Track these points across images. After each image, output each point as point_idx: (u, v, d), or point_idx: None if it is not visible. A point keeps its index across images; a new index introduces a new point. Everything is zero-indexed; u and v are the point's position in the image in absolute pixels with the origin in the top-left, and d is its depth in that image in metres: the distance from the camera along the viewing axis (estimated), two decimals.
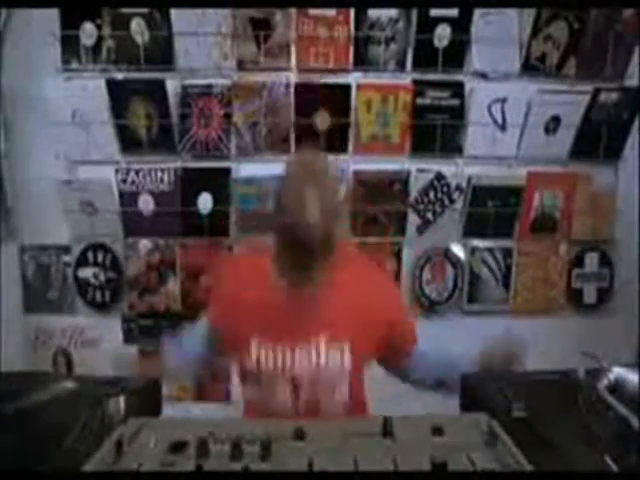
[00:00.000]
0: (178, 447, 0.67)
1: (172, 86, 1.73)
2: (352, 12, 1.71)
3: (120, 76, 1.73)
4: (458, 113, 1.77)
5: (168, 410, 1.10)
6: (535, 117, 1.76)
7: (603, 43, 1.75)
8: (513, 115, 1.76)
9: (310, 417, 1.02)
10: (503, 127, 1.78)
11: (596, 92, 1.76)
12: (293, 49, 1.72)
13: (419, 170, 1.79)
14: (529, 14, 1.72)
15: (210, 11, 1.68)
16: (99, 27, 1.71)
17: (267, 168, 1.69)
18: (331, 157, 1.54)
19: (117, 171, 1.78)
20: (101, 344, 1.86)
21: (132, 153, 1.78)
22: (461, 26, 1.72)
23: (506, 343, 1.05)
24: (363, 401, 1.17)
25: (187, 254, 1.81)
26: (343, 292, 1.02)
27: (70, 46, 1.71)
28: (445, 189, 1.80)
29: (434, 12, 1.72)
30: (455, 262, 1.84)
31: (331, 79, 1.73)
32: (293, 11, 1.70)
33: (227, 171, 1.78)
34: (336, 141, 1.75)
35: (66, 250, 1.84)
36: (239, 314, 1.04)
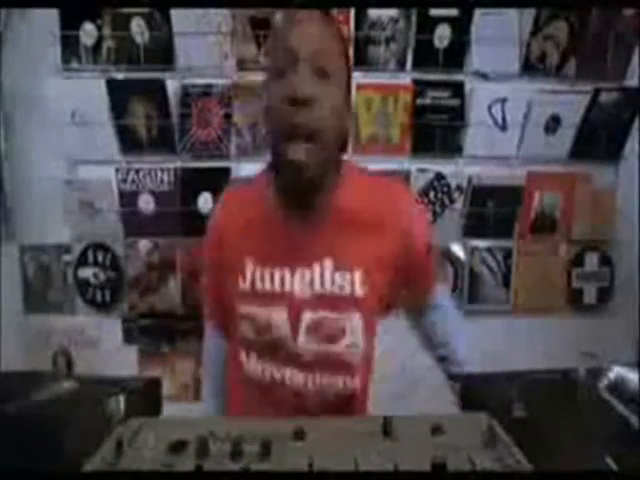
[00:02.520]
0: (178, 447, 0.67)
1: (172, 86, 1.73)
2: (352, 12, 1.71)
3: (120, 76, 1.73)
4: (458, 113, 1.77)
5: (168, 410, 1.10)
6: (535, 117, 1.76)
7: (603, 43, 1.75)
8: (513, 115, 1.76)
9: (312, 356, 0.87)
10: (503, 127, 1.78)
11: (596, 92, 1.76)
12: None
13: (419, 170, 1.79)
14: (529, 14, 1.72)
15: (210, 11, 1.68)
16: (99, 27, 1.71)
17: None
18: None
19: (117, 171, 1.78)
20: (101, 344, 1.86)
21: (132, 153, 1.78)
22: (461, 26, 1.72)
23: None
24: (370, 360, 0.96)
25: (187, 254, 1.81)
26: (350, 212, 0.87)
27: (70, 46, 1.72)
28: (445, 189, 1.80)
29: (434, 12, 1.72)
30: (455, 262, 1.84)
31: None
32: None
33: (227, 171, 1.78)
34: None
35: (66, 250, 1.84)
36: (232, 235, 0.92)
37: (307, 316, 0.87)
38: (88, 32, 1.71)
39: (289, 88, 0.76)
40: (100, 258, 1.83)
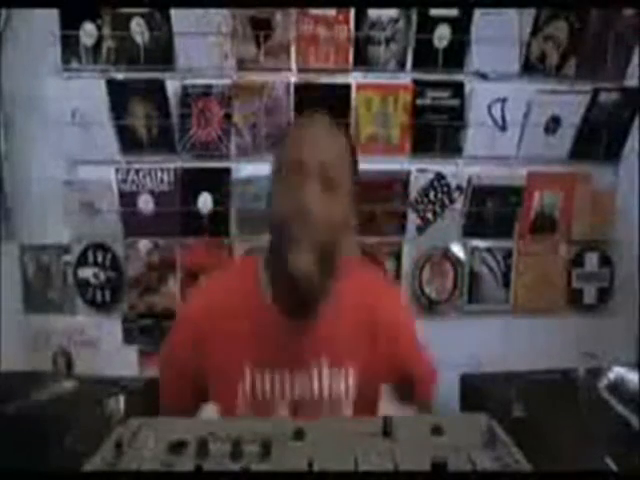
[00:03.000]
0: (178, 447, 0.67)
1: (172, 86, 1.73)
2: (352, 12, 1.71)
3: (120, 76, 1.73)
4: (458, 113, 1.77)
5: None
6: (535, 117, 1.76)
7: (603, 43, 1.75)
8: (513, 115, 1.76)
9: None
10: (503, 127, 1.78)
11: (596, 92, 1.76)
12: (293, 49, 1.72)
13: (419, 170, 1.79)
14: (529, 14, 1.72)
15: (210, 11, 1.68)
16: (99, 27, 1.71)
17: (267, 168, 1.69)
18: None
19: (117, 171, 1.78)
20: (101, 344, 1.86)
21: (132, 153, 1.77)
22: (461, 26, 1.72)
23: None
24: None
25: (187, 254, 1.81)
26: (346, 309, 0.90)
27: (70, 46, 1.71)
28: (445, 189, 1.80)
29: (434, 12, 1.72)
30: (455, 262, 1.84)
31: (331, 79, 1.73)
32: (293, 11, 1.70)
33: (227, 171, 1.78)
34: None
35: (66, 250, 1.84)
36: (221, 335, 0.89)
37: (306, 411, 0.89)
38: (88, 32, 1.71)
39: (298, 203, 0.77)
40: (100, 258, 1.82)
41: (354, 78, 1.74)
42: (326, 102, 1.72)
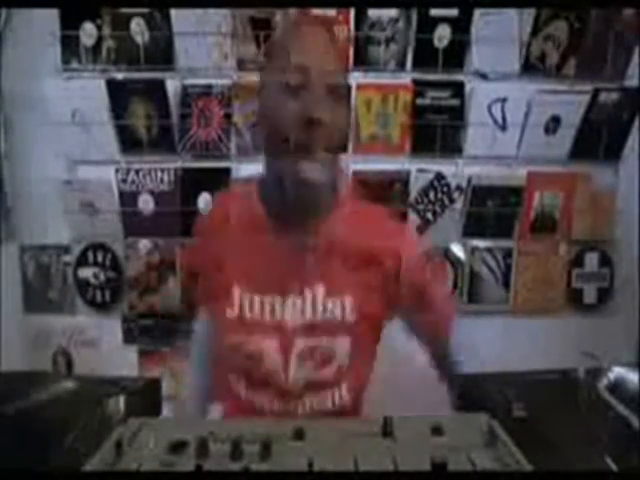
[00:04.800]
0: (178, 447, 0.67)
1: (172, 86, 1.73)
2: (352, 12, 1.71)
3: (120, 76, 1.73)
4: (458, 113, 1.77)
5: (168, 410, 1.10)
6: (535, 117, 1.76)
7: (603, 43, 1.75)
8: (513, 115, 1.76)
9: (301, 385, 0.87)
10: (503, 127, 1.78)
11: (596, 92, 1.76)
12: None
13: (419, 170, 1.79)
14: (529, 14, 1.72)
15: (210, 11, 1.68)
16: (99, 27, 1.71)
17: None
18: None
19: (117, 171, 1.78)
20: (101, 344, 1.86)
21: (132, 153, 1.78)
22: (461, 26, 1.72)
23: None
24: (362, 384, 0.96)
25: (187, 254, 1.81)
26: (346, 234, 0.85)
27: (70, 46, 1.72)
28: (445, 189, 1.80)
29: (434, 12, 1.72)
30: (455, 262, 1.84)
31: None
32: (293, 11, 1.70)
33: (227, 171, 1.78)
34: None
35: (66, 250, 1.84)
36: (221, 254, 0.88)
37: (298, 345, 0.85)
38: (88, 32, 1.71)
39: (305, 109, 0.74)
40: (100, 258, 1.83)
41: (354, 78, 1.74)
42: None
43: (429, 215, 1.81)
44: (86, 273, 1.84)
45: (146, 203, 1.79)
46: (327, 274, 0.84)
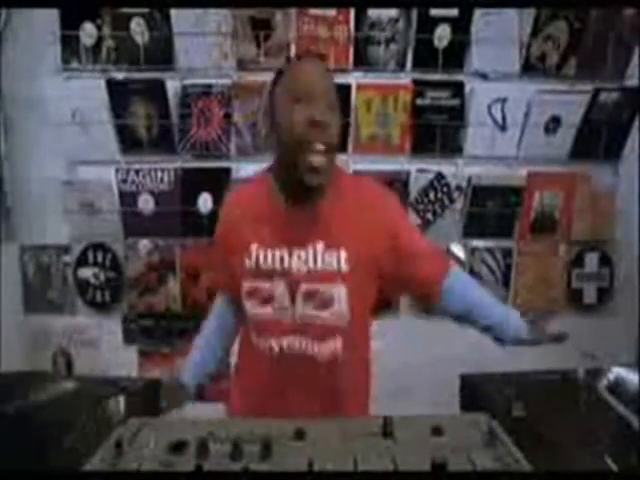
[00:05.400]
0: (178, 447, 0.67)
1: (172, 86, 1.73)
2: (352, 12, 1.71)
3: (120, 76, 1.73)
4: (458, 113, 1.77)
5: None
6: (535, 117, 1.76)
7: (603, 43, 1.75)
8: (513, 115, 1.76)
9: (307, 327, 1.03)
10: (503, 127, 1.78)
11: (596, 92, 1.76)
12: (293, 49, 1.72)
13: (419, 170, 1.79)
14: (529, 14, 1.72)
15: (210, 11, 1.68)
16: (99, 27, 1.71)
17: None
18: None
19: (117, 171, 1.78)
20: (101, 344, 1.86)
21: (132, 153, 1.78)
22: (461, 26, 1.72)
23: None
24: (366, 336, 1.13)
25: (187, 254, 1.81)
26: (341, 202, 1.05)
27: (70, 46, 1.72)
28: (445, 189, 1.80)
29: (434, 12, 1.72)
30: (455, 262, 1.84)
31: None
32: (293, 11, 1.70)
33: (227, 171, 1.78)
34: None
35: (66, 250, 1.84)
36: (238, 226, 1.09)
37: (302, 288, 1.04)
38: (88, 32, 1.71)
39: (310, 114, 0.98)
40: (100, 258, 1.83)
41: (354, 78, 1.74)
42: None
43: (429, 215, 1.81)
44: (86, 273, 1.84)
45: (146, 203, 1.79)
46: (325, 233, 1.04)
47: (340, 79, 1.73)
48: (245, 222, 1.08)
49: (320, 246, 1.03)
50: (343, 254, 1.03)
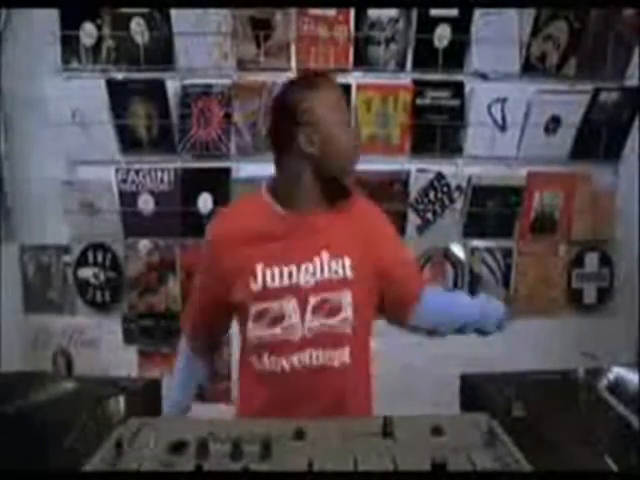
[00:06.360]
0: (178, 447, 0.67)
1: (172, 86, 1.73)
2: (352, 12, 1.71)
3: (120, 76, 1.73)
4: (458, 113, 1.77)
5: None
6: (535, 117, 1.76)
7: (603, 43, 1.75)
8: (513, 115, 1.76)
9: (316, 338, 1.03)
10: (503, 127, 1.78)
11: (596, 92, 1.76)
12: (293, 49, 1.72)
13: (419, 170, 1.79)
14: (529, 14, 1.72)
15: (210, 11, 1.68)
16: (99, 27, 1.71)
17: (267, 168, 1.68)
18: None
19: (117, 171, 1.78)
20: (101, 344, 1.86)
21: (132, 153, 1.78)
22: (461, 26, 1.72)
23: None
24: (367, 343, 1.14)
25: (187, 254, 1.81)
26: (343, 214, 1.09)
27: (70, 46, 1.72)
28: (445, 189, 1.80)
29: (434, 12, 1.72)
30: (455, 262, 1.84)
31: None
32: (293, 11, 1.70)
33: (227, 171, 1.78)
34: None
35: (66, 250, 1.84)
36: (237, 245, 1.07)
37: (312, 301, 1.04)
38: (88, 32, 1.71)
39: (356, 138, 1.12)
40: (100, 258, 1.83)
41: (354, 78, 1.74)
42: None
43: (429, 215, 1.81)
44: (86, 273, 1.84)
45: (146, 203, 1.79)
46: (328, 242, 1.06)
47: (340, 79, 1.73)
48: (244, 242, 1.06)
49: (325, 255, 1.05)
50: (347, 261, 1.05)
